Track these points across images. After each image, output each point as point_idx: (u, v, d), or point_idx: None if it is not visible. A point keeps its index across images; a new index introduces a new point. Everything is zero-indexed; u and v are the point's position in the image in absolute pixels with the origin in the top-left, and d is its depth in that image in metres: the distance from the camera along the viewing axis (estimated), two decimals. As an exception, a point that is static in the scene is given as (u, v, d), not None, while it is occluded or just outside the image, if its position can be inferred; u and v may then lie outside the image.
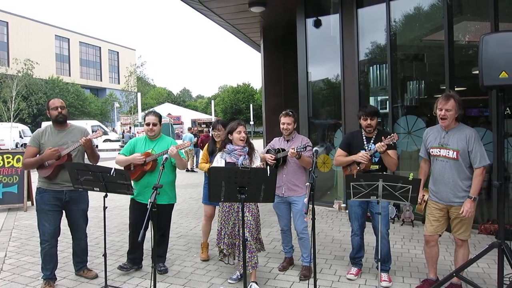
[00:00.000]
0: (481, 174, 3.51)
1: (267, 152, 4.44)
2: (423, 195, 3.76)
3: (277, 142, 4.51)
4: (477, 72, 3.29)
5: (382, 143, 3.79)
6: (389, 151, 3.90)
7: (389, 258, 4.12)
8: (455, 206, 3.62)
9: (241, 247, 3.89)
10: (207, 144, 4.97)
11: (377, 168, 4.01)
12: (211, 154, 4.75)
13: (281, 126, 4.38)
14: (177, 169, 4.48)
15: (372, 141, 4.09)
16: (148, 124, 4.41)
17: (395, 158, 3.97)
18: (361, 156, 3.95)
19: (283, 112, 4.40)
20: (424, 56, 7.18)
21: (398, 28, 7.03)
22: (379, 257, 3.59)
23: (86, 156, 4.29)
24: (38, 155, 4.03)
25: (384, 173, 3.87)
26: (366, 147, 4.07)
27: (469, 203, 3.47)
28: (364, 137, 4.16)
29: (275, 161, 4.30)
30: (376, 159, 4.02)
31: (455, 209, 3.62)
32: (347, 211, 7.22)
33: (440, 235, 3.80)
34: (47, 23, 55.62)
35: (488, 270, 4.29)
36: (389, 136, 3.84)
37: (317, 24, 8.12)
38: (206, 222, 4.98)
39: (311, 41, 8.07)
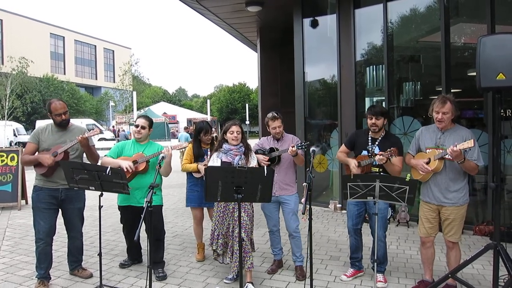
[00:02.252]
0: (473, 168, 3.52)
1: (256, 152, 4.40)
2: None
3: (266, 142, 4.48)
4: (473, 74, 3.31)
5: (382, 157, 3.71)
6: (394, 159, 3.84)
7: (385, 259, 4.12)
8: (446, 207, 3.65)
9: (234, 248, 3.91)
10: (190, 144, 4.84)
11: (377, 170, 3.94)
12: (197, 157, 4.70)
13: (272, 130, 4.35)
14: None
15: (377, 143, 4.02)
16: (137, 126, 4.38)
17: (399, 166, 3.88)
18: (352, 167, 3.98)
19: (269, 116, 4.35)
20: (421, 58, 7.20)
21: (395, 29, 7.04)
22: (375, 258, 3.59)
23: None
24: (37, 152, 4.05)
25: (382, 173, 3.86)
26: (370, 148, 4.02)
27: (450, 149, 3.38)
28: (369, 138, 4.09)
29: (269, 162, 4.27)
30: (374, 162, 3.91)
31: (446, 210, 3.65)
32: (343, 211, 7.27)
33: (434, 236, 3.82)
34: (42, 21, 55.37)
35: (483, 272, 4.31)
36: (388, 150, 3.73)
37: (314, 24, 8.12)
38: (196, 226, 4.93)
39: (308, 41, 8.06)
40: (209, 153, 4.63)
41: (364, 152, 4.06)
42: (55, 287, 4.03)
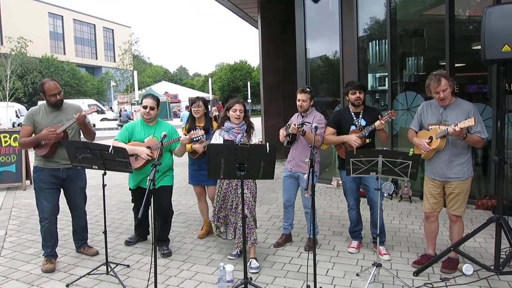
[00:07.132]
0: (477, 141, 3.50)
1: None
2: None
3: (294, 118, 4.52)
4: (477, 47, 3.25)
5: (382, 122, 3.87)
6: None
7: (383, 229, 4.22)
8: (450, 182, 3.64)
9: (237, 225, 3.94)
10: (187, 124, 4.87)
11: (369, 141, 4.10)
12: (189, 131, 4.54)
13: (297, 102, 4.38)
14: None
15: (361, 116, 4.16)
16: (145, 107, 4.27)
17: (387, 132, 4.10)
18: (354, 140, 3.98)
19: (299, 88, 4.41)
20: (424, 32, 7.07)
21: (398, 2, 6.89)
22: (377, 230, 3.63)
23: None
24: (33, 134, 4.00)
25: (384, 149, 3.87)
26: (356, 122, 4.14)
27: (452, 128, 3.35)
28: (352, 113, 4.21)
29: (296, 129, 4.12)
30: (367, 133, 4.04)
31: (450, 185, 3.65)
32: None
33: (438, 212, 3.83)
34: (40, 0, 54.48)
35: (485, 245, 4.34)
36: (387, 114, 3.91)
37: (316, -2, 7.95)
38: (199, 202, 4.99)
39: (309, 17, 7.92)
40: (211, 131, 4.60)
41: (353, 127, 4.15)
42: (62, 265, 4.10)
